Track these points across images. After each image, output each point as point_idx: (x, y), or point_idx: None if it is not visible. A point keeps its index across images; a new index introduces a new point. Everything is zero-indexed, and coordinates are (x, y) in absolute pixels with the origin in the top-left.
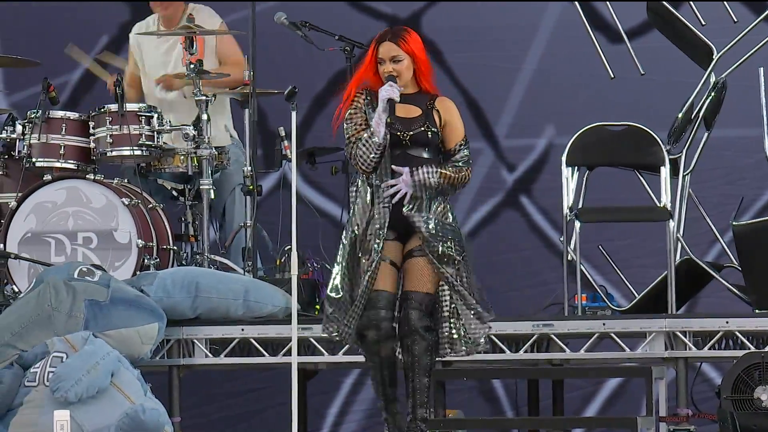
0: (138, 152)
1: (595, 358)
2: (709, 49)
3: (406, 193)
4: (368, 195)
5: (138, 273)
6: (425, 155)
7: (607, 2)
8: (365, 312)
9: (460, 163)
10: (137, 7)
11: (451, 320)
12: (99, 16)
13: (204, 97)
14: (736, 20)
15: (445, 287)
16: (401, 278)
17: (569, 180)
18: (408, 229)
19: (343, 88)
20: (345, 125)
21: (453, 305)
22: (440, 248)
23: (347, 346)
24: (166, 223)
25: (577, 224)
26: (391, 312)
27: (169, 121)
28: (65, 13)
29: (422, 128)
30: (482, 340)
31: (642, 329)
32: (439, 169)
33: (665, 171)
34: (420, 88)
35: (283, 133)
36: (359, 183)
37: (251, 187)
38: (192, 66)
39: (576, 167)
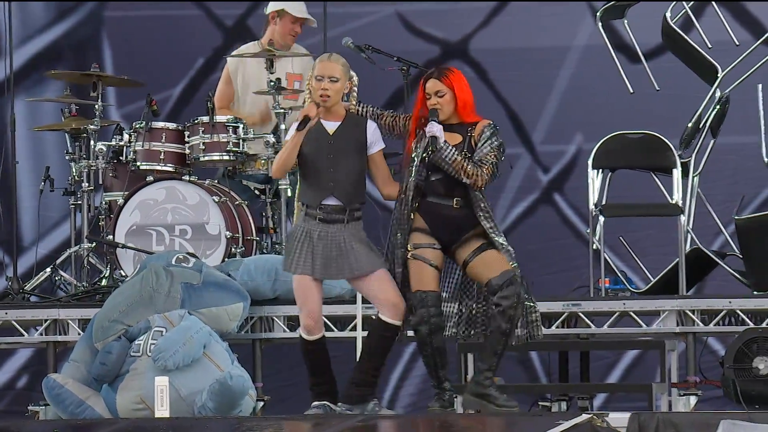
0: (226, 157)
1: (616, 332)
2: (714, 68)
3: (437, 137)
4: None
5: (226, 260)
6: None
7: (628, 28)
8: (417, 310)
9: (478, 162)
10: (230, 33)
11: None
12: (196, 40)
13: (282, 110)
14: (738, 43)
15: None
16: (455, 279)
17: (595, 180)
18: (452, 240)
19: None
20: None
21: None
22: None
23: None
24: (250, 218)
25: (602, 218)
26: (439, 308)
27: (252, 131)
28: (166, 36)
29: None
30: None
31: (657, 308)
32: (458, 155)
33: (677, 173)
34: (461, 120)
35: None
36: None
37: None
38: (272, 83)
39: (600, 169)
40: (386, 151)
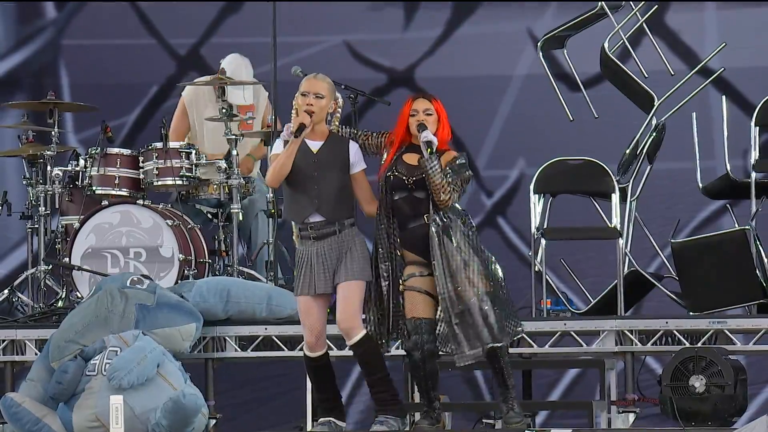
0: (179, 182)
1: (557, 352)
2: (651, 96)
3: (431, 142)
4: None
5: (179, 282)
6: (424, 197)
7: (567, 57)
8: (411, 336)
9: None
10: (183, 62)
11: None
12: (150, 68)
13: (233, 136)
14: (673, 73)
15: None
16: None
17: (536, 204)
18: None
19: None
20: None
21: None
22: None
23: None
24: (203, 241)
25: (543, 241)
26: (433, 335)
27: (205, 156)
28: (122, 64)
29: (422, 175)
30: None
31: (596, 328)
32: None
33: (615, 197)
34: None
35: None
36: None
37: (273, 211)
38: (224, 110)
39: (542, 194)
40: None
